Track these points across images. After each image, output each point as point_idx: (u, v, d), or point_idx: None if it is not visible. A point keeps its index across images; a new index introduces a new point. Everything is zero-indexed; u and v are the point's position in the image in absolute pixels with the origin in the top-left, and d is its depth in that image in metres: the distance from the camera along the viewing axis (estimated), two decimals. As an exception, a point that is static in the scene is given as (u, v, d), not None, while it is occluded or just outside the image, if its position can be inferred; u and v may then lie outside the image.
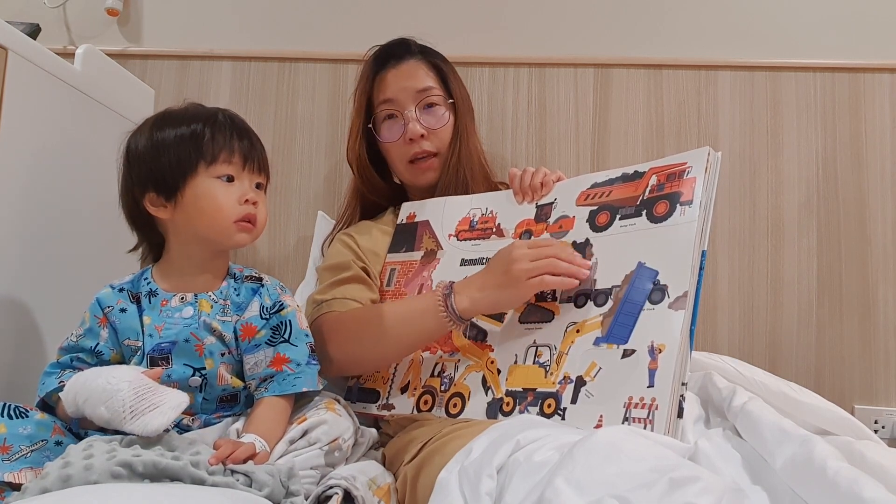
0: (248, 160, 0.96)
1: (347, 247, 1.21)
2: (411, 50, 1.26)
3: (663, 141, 1.54)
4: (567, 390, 0.87)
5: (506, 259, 0.95)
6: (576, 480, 0.59)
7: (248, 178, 0.97)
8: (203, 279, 0.97)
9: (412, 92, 1.21)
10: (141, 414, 0.77)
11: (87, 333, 0.95)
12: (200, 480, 0.72)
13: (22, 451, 0.81)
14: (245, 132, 0.99)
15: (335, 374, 1.08)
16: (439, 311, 0.97)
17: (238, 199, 0.95)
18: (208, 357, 0.93)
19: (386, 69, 1.24)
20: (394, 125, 1.22)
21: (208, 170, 0.94)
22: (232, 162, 0.95)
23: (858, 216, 1.49)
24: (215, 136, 0.95)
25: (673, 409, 0.79)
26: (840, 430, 0.86)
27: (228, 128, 0.97)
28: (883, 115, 1.50)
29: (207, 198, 0.93)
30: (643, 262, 0.88)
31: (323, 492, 0.80)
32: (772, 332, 1.49)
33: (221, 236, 0.95)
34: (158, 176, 0.94)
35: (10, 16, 1.21)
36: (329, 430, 0.89)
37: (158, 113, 1.00)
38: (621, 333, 0.86)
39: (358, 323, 1.06)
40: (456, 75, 1.28)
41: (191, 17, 1.62)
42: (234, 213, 0.94)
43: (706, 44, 1.54)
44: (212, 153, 0.94)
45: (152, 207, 0.95)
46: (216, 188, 0.94)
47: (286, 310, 0.98)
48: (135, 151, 0.97)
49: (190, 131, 0.95)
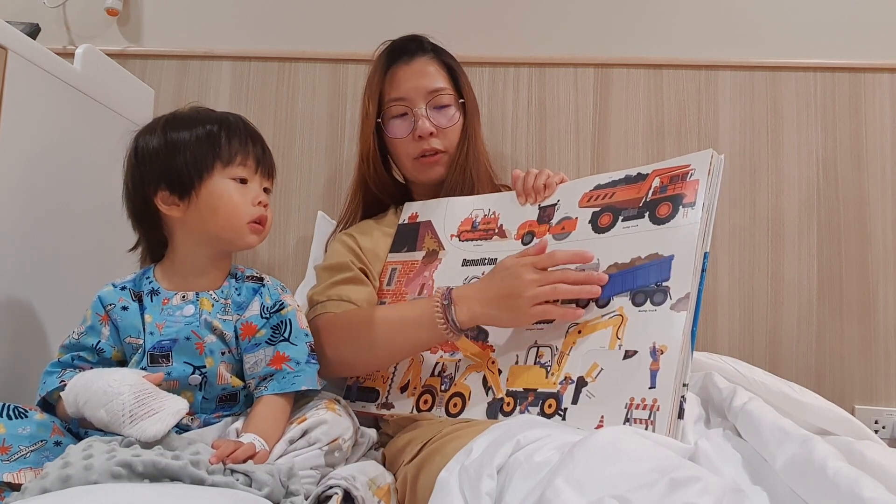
0: (260, 164, 0.99)
1: (348, 247, 1.21)
2: (424, 47, 1.26)
3: (663, 141, 1.54)
4: (568, 391, 0.87)
5: (511, 279, 0.92)
6: (576, 480, 0.59)
7: (259, 182, 0.99)
8: (206, 279, 0.98)
9: (424, 91, 1.21)
10: (140, 419, 0.78)
11: (89, 331, 0.95)
12: (200, 480, 0.72)
13: (21, 451, 0.81)
14: (257, 137, 1.01)
15: (331, 375, 1.08)
16: (437, 321, 0.96)
17: (252, 200, 0.97)
18: (208, 355, 0.93)
19: (398, 65, 1.24)
20: (404, 122, 1.22)
21: (224, 171, 0.95)
22: (247, 165, 0.97)
23: (858, 216, 1.49)
24: (231, 138, 0.97)
25: (674, 410, 0.79)
26: (840, 430, 0.86)
27: (243, 131, 0.99)
28: (883, 115, 1.50)
29: (223, 198, 0.95)
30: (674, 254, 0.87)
31: (323, 492, 0.80)
32: (772, 332, 1.49)
33: (234, 236, 0.97)
34: (173, 174, 0.94)
35: (10, 16, 1.21)
36: (329, 430, 0.89)
37: (168, 114, 1.01)
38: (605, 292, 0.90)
39: (351, 326, 1.06)
40: (466, 77, 1.28)
41: (191, 17, 1.62)
42: (248, 214, 0.96)
43: (706, 44, 1.54)
44: (228, 154, 0.96)
45: (164, 206, 0.95)
46: (231, 189, 0.95)
47: (286, 309, 0.98)
48: (145, 150, 0.97)
49: (206, 132, 0.96)
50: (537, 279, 0.90)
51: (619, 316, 0.88)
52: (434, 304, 0.97)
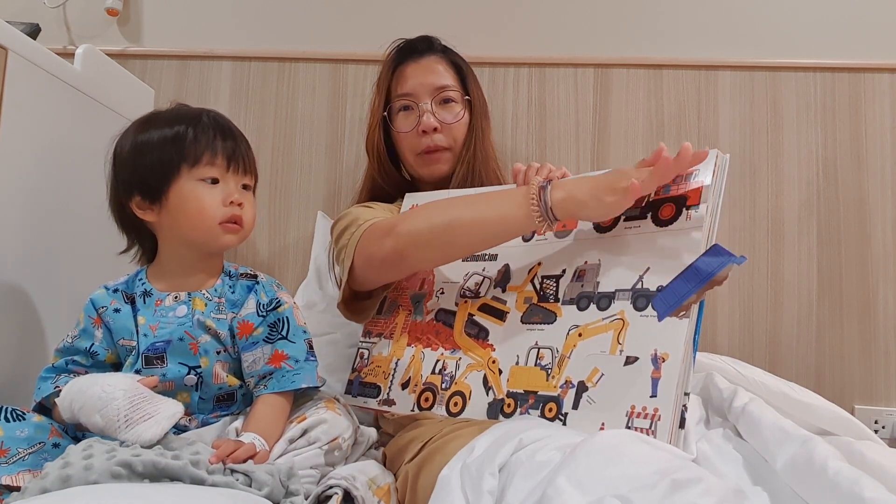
0: (232, 161, 0.96)
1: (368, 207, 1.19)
2: (434, 47, 1.28)
3: (663, 141, 1.53)
4: (568, 395, 0.86)
5: (616, 175, 0.87)
6: (578, 480, 0.59)
7: (234, 180, 0.96)
8: (196, 278, 0.98)
9: (430, 87, 1.22)
10: (135, 424, 0.78)
11: (83, 334, 0.95)
12: (200, 480, 0.72)
13: (19, 453, 0.81)
14: (229, 132, 0.98)
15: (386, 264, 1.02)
16: (531, 201, 0.89)
17: (223, 200, 0.94)
18: (203, 355, 0.93)
19: (406, 63, 1.25)
20: (409, 116, 1.23)
21: (191, 172, 0.94)
22: (215, 164, 0.95)
23: (858, 216, 1.49)
24: (198, 137, 0.94)
25: (675, 419, 0.78)
26: (840, 430, 0.86)
27: (212, 129, 0.96)
28: (883, 115, 1.50)
29: (191, 200, 0.93)
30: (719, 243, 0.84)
31: (323, 491, 0.80)
32: (772, 332, 1.49)
33: (206, 238, 0.95)
34: (143, 179, 0.94)
35: (10, 16, 1.20)
36: (329, 430, 0.89)
37: (143, 115, 1.00)
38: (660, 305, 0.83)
39: (431, 204, 1.03)
40: (474, 77, 1.29)
41: (191, 17, 1.62)
42: (218, 214, 0.94)
43: (706, 44, 1.54)
44: (194, 155, 0.94)
45: (139, 211, 0.95)
46: (200, 190, 0.94)
47: (283, 307, 0.98)
48: (120, 155, 0.97)
49: (173, 133, 0.94)
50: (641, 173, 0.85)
51: (621, 320, 0.87)
52: (531, 185, 0.91)
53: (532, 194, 0.90)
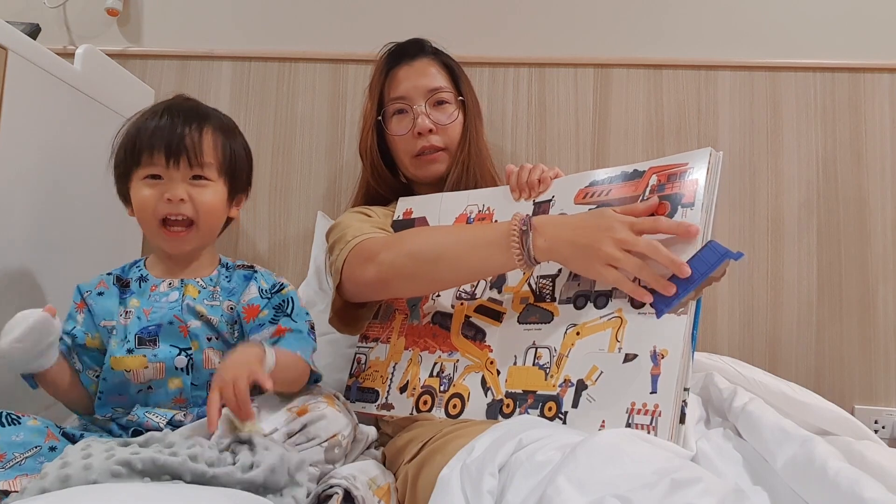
0: (171, 154, 0.93)
1: (362, 214, 1.20)
2: (425, 50, 1.28)
3: (663, 141, 1.54)
4: (568, 394, 0.86)
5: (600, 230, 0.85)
6: (578, 480, 0.59)
7: (180, 173, 0.95)
8: (191, 268, 1.01)
9: (423, 90, 1.23)
10: None
11: (67, 319, 0.98)
12: (201, 473, 0.71)
13: (16, 458, 0.80)
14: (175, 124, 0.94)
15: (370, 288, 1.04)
16: (512, 245, 0.89)
17: (161, 196, 0.94)
18: (193, 339, 0.95)
19: (399, 66, 1.26)
20: (403, 119, 1.24)
21: (139, 172, 0.96)
22: (154, 160, 0.94)
23: (858, 216, 1.49)
24: (141, 136, 0.95)
25: (676, 415, 0.78)
26: (840, 430, 0.86)
27: (152, 123, 0.95)
28: (883, 115, 1.50)
29: (137, 201, 0.96)
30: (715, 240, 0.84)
31: (323, 491, 0.80)
32: (772, 332, 1.49)
33: (157, 239, 0.98)
34: (118, 187, 1.00)
35: (10, 16, 1.21)
36: (328, 426, 0.88)
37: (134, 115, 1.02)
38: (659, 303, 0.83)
39: (418, 235, 1.04)
40: (467, 79, 1.30)
41: (191, 17, 1.62)
42: (160, 211, 0.95)
43: (706, 44, 1.54)
44: (137, 157, 0.95)
45: (128, 210, 1.01)
46: (142, 190, 0.96)
47: (287, 289, 1.01)
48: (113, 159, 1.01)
49: (128, 136, 0.97)
50: (625, 241, 0.83)
51: (618, 318, 0.87)
52: (512, 227, 0.90)
53: (514, 241, 0.89)
